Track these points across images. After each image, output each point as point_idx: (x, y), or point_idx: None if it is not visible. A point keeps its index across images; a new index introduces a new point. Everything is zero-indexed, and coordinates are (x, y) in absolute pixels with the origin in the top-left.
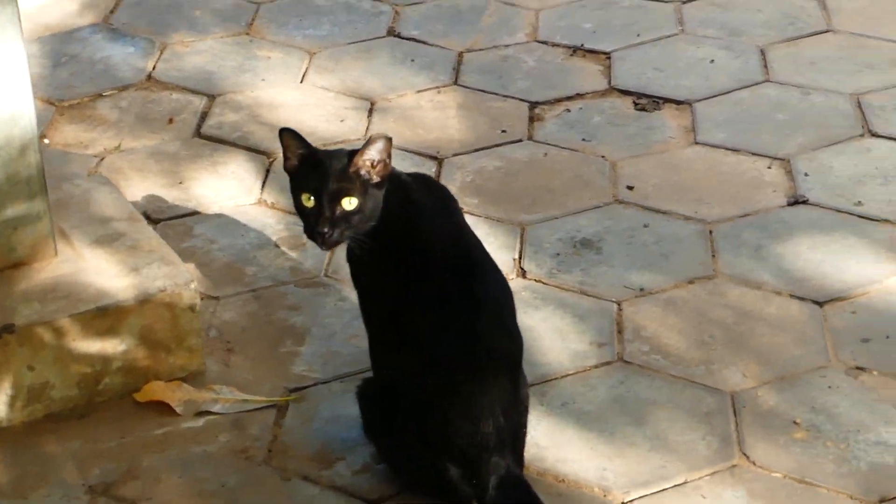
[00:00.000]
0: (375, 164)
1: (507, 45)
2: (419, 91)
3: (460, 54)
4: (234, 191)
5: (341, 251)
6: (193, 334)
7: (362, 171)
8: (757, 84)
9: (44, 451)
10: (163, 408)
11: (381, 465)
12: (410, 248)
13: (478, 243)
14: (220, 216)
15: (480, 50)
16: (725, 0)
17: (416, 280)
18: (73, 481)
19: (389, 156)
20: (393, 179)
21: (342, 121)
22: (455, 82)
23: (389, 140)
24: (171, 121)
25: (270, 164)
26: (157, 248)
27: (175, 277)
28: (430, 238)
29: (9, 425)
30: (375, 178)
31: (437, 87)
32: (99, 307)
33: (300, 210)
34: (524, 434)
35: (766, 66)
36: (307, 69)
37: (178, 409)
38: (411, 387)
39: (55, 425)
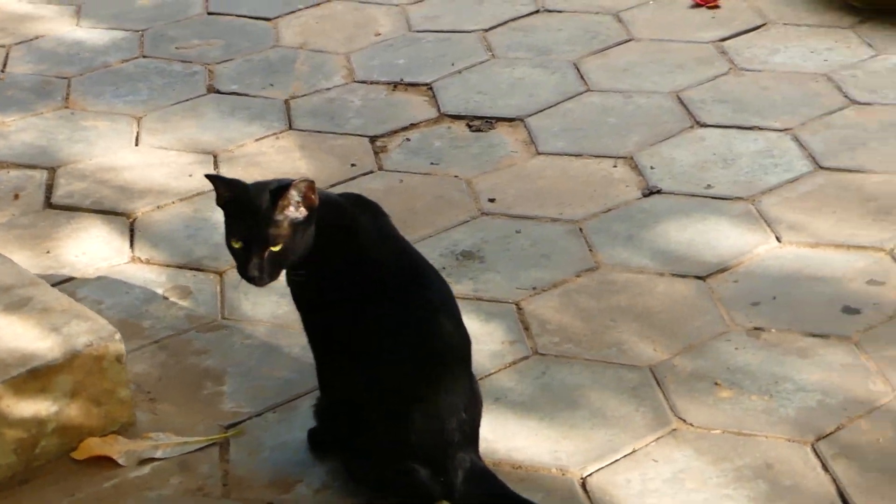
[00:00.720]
0: (300, 203)
1: (328, 89)
2: (258, 139)
3: (286, 101)
4: (104, 253)
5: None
6: (122, 386)
7: (288, 212)
8: (580, 94)
9: None
10: (103, 462)
11: (338, 482)
12: (356, 265)
13: (417, 252)
14: (99, 278)
15: (304, 96)
16: (525, 24)
17: (368, 294)
18: None
19: (314, 192)
20: (325, 203)
21: (191, 175)
22: (290, 127)
23: (311, 183)
24: (16, 196)
25: (132, 223)
26: (69, 306)
27: (98, 331)
28: (374, 252)
29: None
30: (302, 214)
31: (275, 134)
32: (30, 370)
33: (231, 251)
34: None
35: (583, 78)
36: (139, 132)
37: (120, 461)
38: (374, 397)
39: (4, 493)
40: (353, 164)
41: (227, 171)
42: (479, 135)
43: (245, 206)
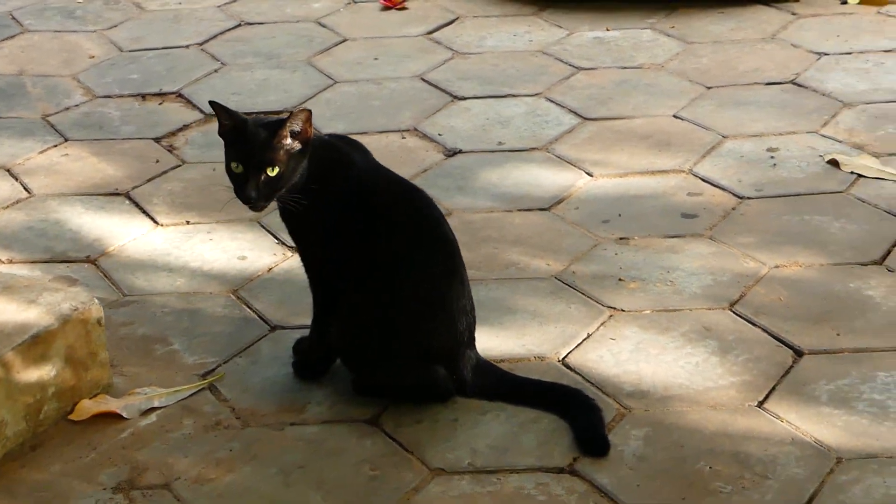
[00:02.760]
0: (297, 134)
1: (76, 105)
2: (41, 152)
3: (45, 118)
4: None
5: None
6: (102, 348)
7: (285, 142)
8: (330, 86)
9: (36, 481)
10: (103, 420)
11: (345, 396)
12: (353, 193)
13: (402, 177)
14: None
15: (57, 113)
16: (235, 36)
17: (371, 218)
18: (91, 491)
19: (310, 125)
20: (319, 140)
21: None
22: (66, 140)
23: (309, 113)
24: None
25: None
26: (31, 282)
27: (76, 297)
28: (369, 180)
29: None
30: (297, 146)
31: (55, 146)
32: (32, 335)
33: (230, 174)
34: None
35: (323, 73)
36: None
37: (124, 414)
38: (399, 310)
39: (20, 461)
40: (156, 161)
41: (30, 181)
42: None
43: (245, 134)
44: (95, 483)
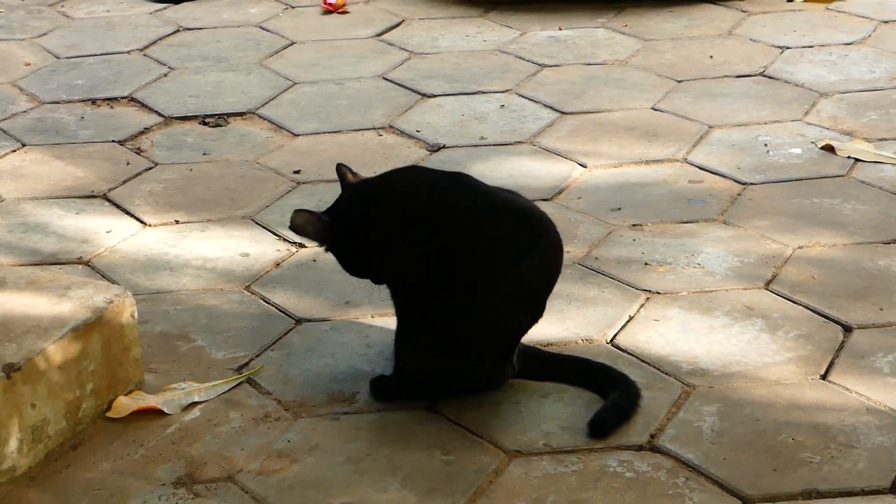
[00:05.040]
0: None
1: (25, 112)
2: (1, 157)
3: None
4: None
5: None
6: (135, 343)
7: None
8: (291, 87)
9: (87, 480)
10: (143, 417)
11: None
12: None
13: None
14: None
15: (5, 119)
16: (177, 41)
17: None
18: (150, 487)
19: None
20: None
21: None
22: (24, 145)
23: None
24: None
25: None
26: (55, 276)
27: (107, 290)
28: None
29: (23, 473)
30: None
31: (14, 151)
32: (72, 329)
33: None
34: None
35: (280, 75)
36: None
37: (165, 409)
38: (488, 319)
39: (63, 460)
40: (127, 164)
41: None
42: (221, 129)
43: None
44: (152, 479)
